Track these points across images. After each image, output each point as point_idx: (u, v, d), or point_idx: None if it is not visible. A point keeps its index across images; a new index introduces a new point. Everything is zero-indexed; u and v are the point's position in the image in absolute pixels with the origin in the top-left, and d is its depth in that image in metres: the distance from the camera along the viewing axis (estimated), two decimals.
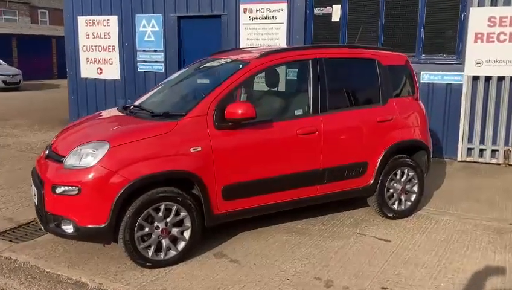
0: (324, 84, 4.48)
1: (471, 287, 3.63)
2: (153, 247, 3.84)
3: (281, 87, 4.92)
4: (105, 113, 4.82)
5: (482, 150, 7.55)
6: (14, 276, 3.77)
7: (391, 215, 4.98)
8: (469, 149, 7.60)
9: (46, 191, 3.76)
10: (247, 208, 4.22)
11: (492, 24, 7.16)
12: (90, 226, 3.66)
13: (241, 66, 4.27)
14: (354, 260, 4.09)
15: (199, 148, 3.89)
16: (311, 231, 4.73)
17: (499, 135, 7.42)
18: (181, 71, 5.32)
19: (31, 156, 7.76)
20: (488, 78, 7.35)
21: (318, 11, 8.57)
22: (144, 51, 10.10)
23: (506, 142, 7.40)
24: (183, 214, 3.89)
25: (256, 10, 8.86)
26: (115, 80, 10.55)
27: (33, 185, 4.09)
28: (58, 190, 3.70)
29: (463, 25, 7.54)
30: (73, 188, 3.63)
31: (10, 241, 4.49)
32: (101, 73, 10.69)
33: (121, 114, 4.53)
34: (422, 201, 5.29)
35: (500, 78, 7.28)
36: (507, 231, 4.74)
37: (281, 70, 4.94)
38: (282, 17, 8.66)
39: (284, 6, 8.62)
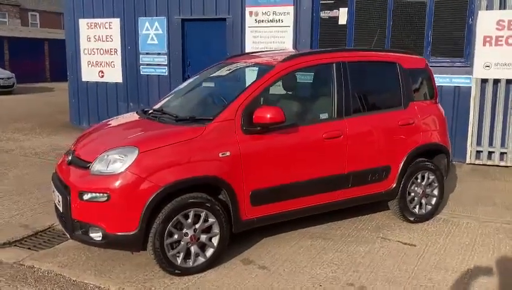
0: (348, 87, 4.46)
1: (509, 286, 3.62)
2: (181, 254, 3.77)
3: (303, 91, 4.88)
4: (125, 118, 4.74)
5: (490, 153, 7.59)
6: (40, 285, 3.68)
7: (412, 219, 4.96)
8: (478, 152, 7.63)
9: (72, 198, 3.68)
10: (274, 213, 4.17)
11: (500, 27, 7.20)
12: (119, 233, 3.58)
13: (266, 70, 4.22)
14: (383, 265, 4.06)
15: (228, 153, 3.84)
16: (333, 235, 4.69)
17: (507, 137, 7.46)
18: (198, 75, 5.25)
19: (37, 161, 7.65)
20: (496, 81, 7.39)
21: (325, 14, 8.56)
22: (147, 53, 10.02)
23: None
24: (211, 220, 3.83)
25: (262, 13, 8.83)
26: (116, 83, 10.45)
27: (56, 192, 3.99)
28: (86, 197, 3.62)
29: (471, 28, 7.58)
30: (102, 194, 3.55)
31: (29, 249, 4.39)
32: (102, 76, 10.58)
33: (142, 118, 4.46)
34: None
35: (509, 81, 7.33)
36: None
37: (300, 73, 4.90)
38: (289, 20, 8.64)
39: (290, 9, 8.60)
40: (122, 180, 3.54)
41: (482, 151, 7.60)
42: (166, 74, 9.90)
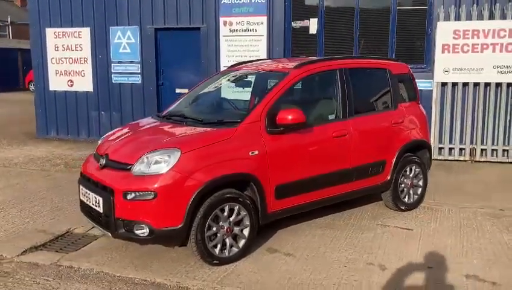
0: (350, 91, 4.98)
1: (498, 261, 4.25)
2: (219, 245, 4.11)
3: (312, 94, 5.33)
4: (146, 122, 4.99)
5: (451, 149, 8.43)
6: (88, 282, 3.88)
7: (403, 207, 5.56)
8: (440, 148, 8.45)
9: (116, 198, 3.91)
10: (294, 205, 4.60)
11: (457, 36, 8.07)
12: (166, 228, 3.86)
13: (282, 76, 4.66)
14: (391, 246, 4.60)
15: (256, 152, 4.23)
16: (338, 225, 5.18)
17: (465, 134, 8.34)
18: (206, 82, 5.58)
19: (21, 171, 7.62)
20: (454, 84, 8.25)
21: (296, 24, 9.12)
22: (119, 62, 10.13)
23: (472, 141, 8.33)
24: (242, 213, 4.20)
25: (237, 23, 9.25)
26: (87, 92, 10.45)
27: (92, 194, 4.19)
28: (130, 196, 3.88)
29: (430, 37, 8.42)
30: (149, 193, 3.83)
31: (56, 251, 4.55)
32: (72, 85, 10.54)
33: (167, 122, 4.75)
34: None
35: (465, 84, 8.20)
36: (501, 216, 5.47)
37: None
38: (263, 29, 9.13)
39: (264, 19, 9.09)
40: (168, 179, 3.84)
41: (443, 148, 8.43)
42: (140, 82, 10.05)
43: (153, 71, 9.95)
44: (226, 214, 4.10)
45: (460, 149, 8.39)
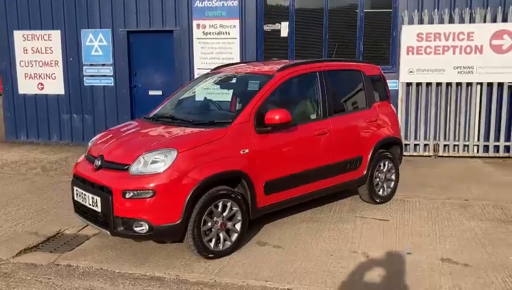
0: (329, 92, 5.31)
1: (469, 245, 4.67)
2: (214, 240, 4.34)
3: (296, 94, 5.59)
4: (137, 124, 5.14)
5: (416, 145, 8.94)
6: (90, 279, 4.03)
7: (378, 201, 5.94)
8: (405, 145, 8.93)
9: (115, 197, 4.07)
10: (281, 200, 4.88)
11: (420, 39, 8.57)
12: (164, 224, 4.06)
13: (267, 78, 4.92)
14: (371, 236, 4.95)
15: (247, 151, 4.48)
16: (320, 218, 5.50)
17: (428, 131, 8.86)
18: (189, 85, 5.78)
19: None
20: (418, 84, 8.75)
21: (267, 27, 9.41)
22: (91, 65, 10.13)
23: (435, 137, 8.86)
24: (234, 209, 4.44)
25: (210, 26, 9.46)
26: (58, 95, 10.39)
27: (89, 194, 4.33)
28: (129, 195, 4.05)
29: (395, 40, 8.90)
30: (148, 191, 4.01)
31: (51, 252, 4.65)
32: (42, 88, 10.46)
33: (157, 123, 4.93)
34: None
35: (428, 84, 8.72)
36: (467, 206, 5.93)
37: None
38: (235, 32, 9.37)
39: (236, 22, 9.33)
40: (166, 177, 4.04)
41: (409, 144, 8.92)
42: (112, 84, 10.09)
43: (126, 74, 10.01)
44: (219, 209, 4.34)
45: (425, 145, 8.90)
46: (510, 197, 6.20)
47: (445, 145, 8.84)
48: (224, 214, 4.38)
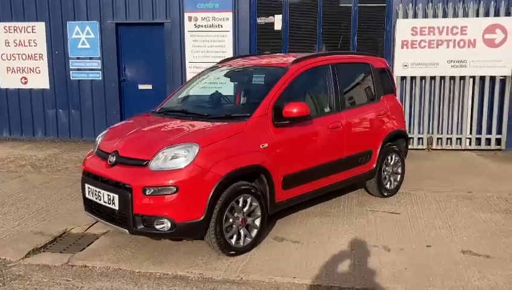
0: (341, 84, 5.26)
1: (485, 237, 4.70)
2: (235, 236, 4.23)
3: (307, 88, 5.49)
4: (147, 118, 4.97)
5: (410, 138, 8.99)
6: (111, 279, 3.87)
7: (386, 194, 5.93)
8: None
9: (135, 194, 3.92)
10: (298, 194, 4.81)
11: (414, 33, 8.62)
12: (187, 221, 3.92)
13: (282, 71, 4.82)
14: (386, 229, 4.93)
15: (266, 145, 4.39)
16: (332, 213, 5.45)
17: (422, 124, 8.94)
18: (195, 78, 5.62)
19: None
20: (413, 78, 8.81)
21: (261, 20, 9.30)
22: (78, 58, 9.82)
23: (429, 131, 8.95)
24: (254, 204, 4.34)
25: (202, 18, 9.28)
26: (43, 89, 10.04)
27: (105, 192, 4.15)
28: (149, 192, 3.90)
29: (389, 34, 8.92)
30: (170, 187, 3.87)
31: (60, 252, 4.45)
32: (26, 83, 10.08)
33: (171, 117, 4.77)
34: None
35: (422, 78, 8.79)
36: (472, 197, 5.99)
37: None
38: (228, 25, 9.22)
39: (229, 15, 9.19)
40: (189, 173, 3.90)
41: None
42: (100, 78, 9.80)
43: (115, 67, 9.74)
44: (240, 205, 4.23)
45: (419, 138, 8.98)
46: (511, 189, 6.29)
47: (438, 139, 8.93)
48: (245, 209, 4.28)
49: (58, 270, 4.04)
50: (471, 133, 8.83)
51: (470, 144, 8.87)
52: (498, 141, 8.81)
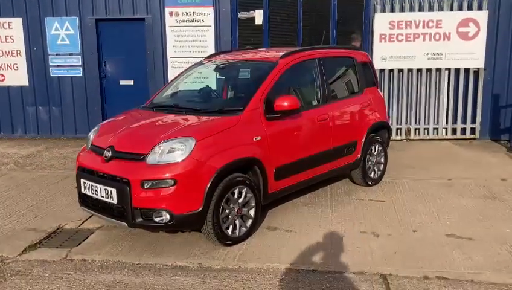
0: (327, 78, 5.42)
1: (466, 221, 4.95)
2: (231, 226, 4.36)
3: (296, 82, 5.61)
4: (140, 113, 5.03)
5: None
6: (112, 272, 3.94)
7: (370, 183, 6.14)
8: None
9: (133, 188, 4.00)
10: (289, 185, 4.97)
11: (392, 27, 8.86)
12: (185, 213, 4.03)
13: (271, 65, 4.95)
14: (373, 216, 5.13)
15: (259, 137, 4.52)
16: (319, 202, 5.63)
17: (400, 116, 9.21)
18: (184, 72, 5.70)
19: None
20: (391, 71, 9.06)
21: (242, 15, 9.39)
22: (58, 55, 9.73)
23: (407, 122, 9.23)
24: (249, 195, 4.48)
25: (183, 13, 9.32)
26: (21, 86, 9.91)
27: (102, 186, 4.21)
28: (147, 185, 3.99)
29: (367, 28, 9.14)
30: (168, 181, 3.97)
31: (57, 248, 4.50)
32: (3, 80, 9.93)
33: (163, 112, 4.85)
34: None
35: (400, 70, 9.05)
36: (452, 185, 6.26)
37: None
38: (209, 20, 9.29)
39: (210, 10, 9.25)
40: (186, 166, 4.01)
41: None
42: (81, 74, 9.74)
43: (95, 63, 9.69)
44: (236, 196, 4.36)
45: (397, 129, 9.25)
46: (487, 176, 6.59)
47: (416, 129, 9.22)
48: (240, 200, 4.41)
49: (58, 264, 4.09)
50: (447, 123, 9.14)
51: (446, 134, 9.18)
52: (473, 130, 9.14)
